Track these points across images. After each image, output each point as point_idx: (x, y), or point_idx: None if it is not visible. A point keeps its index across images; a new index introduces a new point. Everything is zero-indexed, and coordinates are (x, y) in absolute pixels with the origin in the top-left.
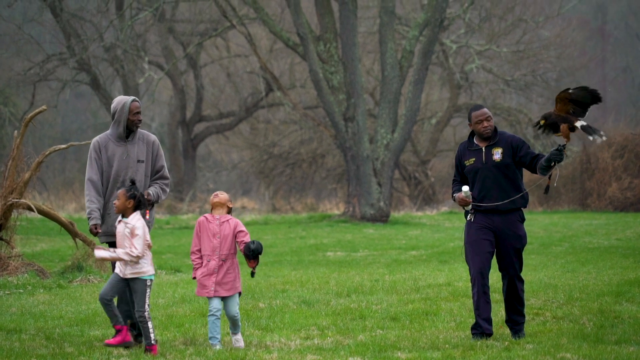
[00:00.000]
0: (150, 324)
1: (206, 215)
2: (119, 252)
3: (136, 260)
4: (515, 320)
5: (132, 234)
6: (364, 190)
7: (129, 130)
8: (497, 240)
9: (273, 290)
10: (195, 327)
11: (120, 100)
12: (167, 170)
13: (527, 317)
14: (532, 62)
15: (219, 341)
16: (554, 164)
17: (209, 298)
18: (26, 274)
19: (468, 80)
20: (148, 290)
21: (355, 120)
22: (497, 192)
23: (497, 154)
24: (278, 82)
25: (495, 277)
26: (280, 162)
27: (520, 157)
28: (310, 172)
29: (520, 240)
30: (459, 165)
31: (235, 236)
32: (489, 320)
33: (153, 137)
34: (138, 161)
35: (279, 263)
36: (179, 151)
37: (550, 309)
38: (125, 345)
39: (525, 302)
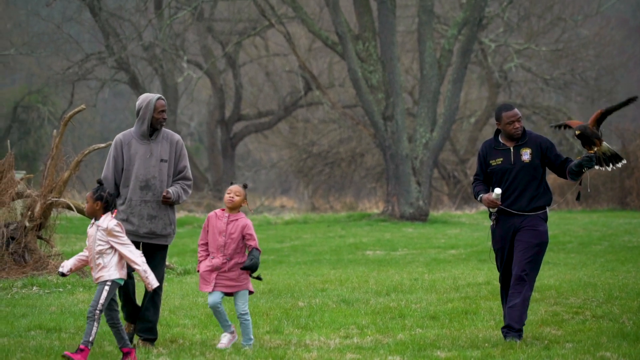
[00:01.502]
0: (95, 325)
1: (216, 210)
2: (142, 266)
3: (143, 260)
4: (508, 324)
5: (113, 236)
6: (403, 189)
7: (153, 128)
8: (513, 236)
9: (312, 289)
10: (234, 326)
11: (145, 97)
12: (189, 171)
13: (566, 316)
14: (571, 60)
15: (229, 325)
16: (585, 170)
17: (209, 293)
18: None
19: (507, 79)
20: (105, 291)
21: (394, 119)
22: (524, 193)
23: (526, 155)
24: (317, 81)
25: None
26: (320, 161)
27: (549, 159)
28: (349, 171)
29: (538, 235)
30: (483, 164)
31: (243, 237)
32: (519, 320)
33: (177, 136)
34: (161, 160)
35: (318, 262)
36: (217, 150)
37: (590, 308)
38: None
39: (528, 311)
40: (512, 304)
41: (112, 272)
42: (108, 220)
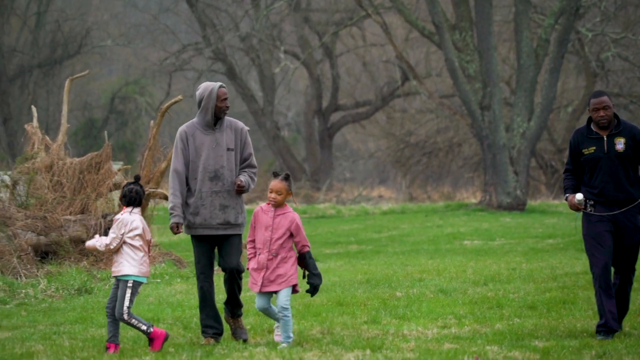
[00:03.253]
0: (134, 322)
1: (262, 205)
2: (99, 239)
3: (105, 250)
4: (607, 324)
5: (114, 226)
6: (501, 179)
7: (217, 117)
8: (615, 233)
9: (410, 279)
10: (332, 316)
11: (206, 86)
12: (254, 158)
13: None
14: None
15: (291, 338)
16: None
17: (257, 293)
18: (163, 264)
19: (604, 69)
20: (128, 292)
21: (492, 109)
22: (616, 184)
23: (620, 144)
24: (414, 71)
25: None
26: (417, 151)
27: None
28: (446, 161)
29: (638, 233)
30: (575, 152)
31: (291, 234)
32: (614, 317)
33: (241, 124)
34: (228, 149)
35: (416, 252)
36: (315, 140)
37: None
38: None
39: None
40: (612, 304)
41: (126, 270)
42: (120, 214)
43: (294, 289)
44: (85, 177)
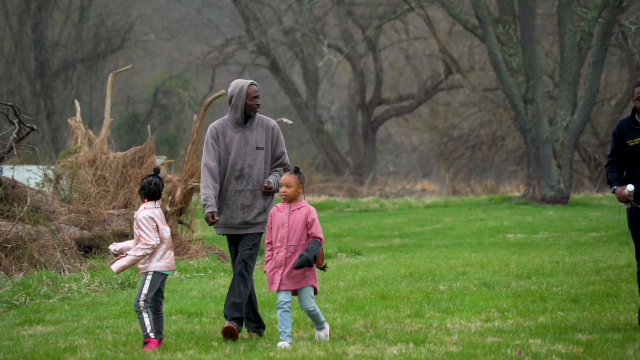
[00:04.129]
0: (145, 315)
1: (277, 205)
2: (132, 252)
3: (154, 249)
4: None
5: (137, 226)
6: (544, 172)
7: (247, 115)
8: None
9: (453, 272)
10: (375, 310)
11: (237, 83)
12: (287, 157)
13: None
14: None
15: (288, 336)
16: None
17: (277, 292)
18: (207, 258)
19: None
20: (147, 281)
21: (535, 103)
22: None
23: None
24: (457, 64)
25: None
26: (460, 144)
27: None
28: (490, 155)
29: None
30: (619, 143)
31: (307, 226)
32: None
33: (273, 122)
34: (257, 148)
35: (459, 245)
36: (358, 134)
37: None
38: None
39: None
40: None
41: (152, 265)
42: (141, 209)
43: (315, 290)
44: (128, 171)
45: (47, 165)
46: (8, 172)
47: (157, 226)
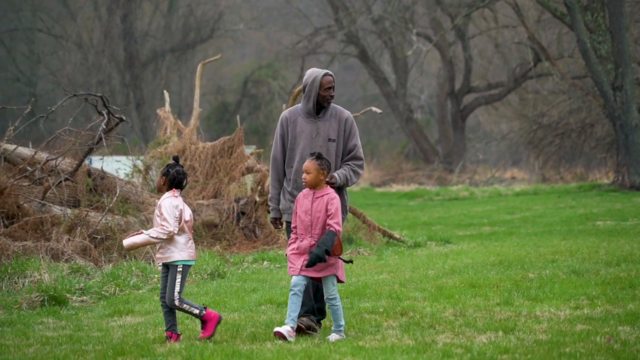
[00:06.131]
0: (185, 306)
1: (303, 191)
2: (147, 232)
3: (170, 237)
4: None
5: (160, 213)
6: (633, 159)
7: (320, 106)
8: None
9: (543, 260)
10: (465, 298)
11: (311, 73)
12: (361, 150)
13: None
14: None
15: (292, 320)
16: None
17: (294, 276)
18: None
19: None
20: (178, 276)
21: (624, 90)
22: None
23: None
24: (546, 52)
25: None
26: (550, 132)
27: None
28: (579, 142)
29: None
30: None
31: (327, 214)
32: None
33: (347, 113)
34: (329, 140)
35: (548, 233)
36: (448, 122)
37: None
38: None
39: None
40: None
41: (176, 256)
42: (164, 197)
43: (339, 279)
44: (217, 161)
45: (137, 155)
46: (97, 163)
47: (180, 215)
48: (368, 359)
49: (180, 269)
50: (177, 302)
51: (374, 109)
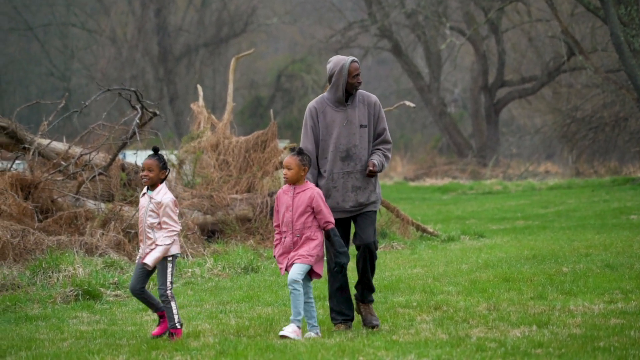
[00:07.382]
0: (173, 304)
1: (283, 187)
2: (161, 242)
3: (178, 233)
4: None
5: (164, 212)
6: None
7: (348, 93)
8: None
9: (576, 254)
10: (498, 292)
11: (337, 61)
12: (389, 133)
13: None
14: None
15: (298, 320)
16: None
17: (288, 273)
18: None
19: None
20: (169, 266)
21: None
22: None
23: None
24: (579, 46)
25: None
26: (583, 126)
27: None
28: (613, 136)
29: None
30: None
31: (313, 210)
32: None
33: (374, 97)
34: (360, 126)
35: (582, 227)
36: (481, 116)
37: None
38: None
39: None
40: None
41: (173, 246)
42: (164, 194)
43: (316, 274)
44: (251, 155)
45: (170, 150)
46: (131, 157)
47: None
48: (401, 353)
49: (171, 259)
50: (169, 292)
51: (407, 103)
